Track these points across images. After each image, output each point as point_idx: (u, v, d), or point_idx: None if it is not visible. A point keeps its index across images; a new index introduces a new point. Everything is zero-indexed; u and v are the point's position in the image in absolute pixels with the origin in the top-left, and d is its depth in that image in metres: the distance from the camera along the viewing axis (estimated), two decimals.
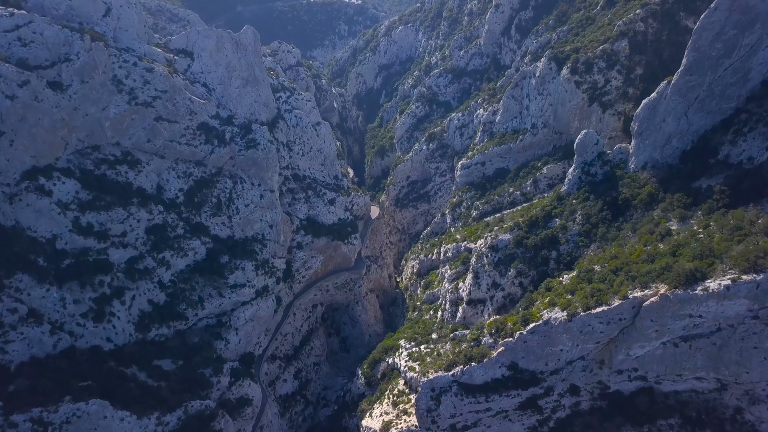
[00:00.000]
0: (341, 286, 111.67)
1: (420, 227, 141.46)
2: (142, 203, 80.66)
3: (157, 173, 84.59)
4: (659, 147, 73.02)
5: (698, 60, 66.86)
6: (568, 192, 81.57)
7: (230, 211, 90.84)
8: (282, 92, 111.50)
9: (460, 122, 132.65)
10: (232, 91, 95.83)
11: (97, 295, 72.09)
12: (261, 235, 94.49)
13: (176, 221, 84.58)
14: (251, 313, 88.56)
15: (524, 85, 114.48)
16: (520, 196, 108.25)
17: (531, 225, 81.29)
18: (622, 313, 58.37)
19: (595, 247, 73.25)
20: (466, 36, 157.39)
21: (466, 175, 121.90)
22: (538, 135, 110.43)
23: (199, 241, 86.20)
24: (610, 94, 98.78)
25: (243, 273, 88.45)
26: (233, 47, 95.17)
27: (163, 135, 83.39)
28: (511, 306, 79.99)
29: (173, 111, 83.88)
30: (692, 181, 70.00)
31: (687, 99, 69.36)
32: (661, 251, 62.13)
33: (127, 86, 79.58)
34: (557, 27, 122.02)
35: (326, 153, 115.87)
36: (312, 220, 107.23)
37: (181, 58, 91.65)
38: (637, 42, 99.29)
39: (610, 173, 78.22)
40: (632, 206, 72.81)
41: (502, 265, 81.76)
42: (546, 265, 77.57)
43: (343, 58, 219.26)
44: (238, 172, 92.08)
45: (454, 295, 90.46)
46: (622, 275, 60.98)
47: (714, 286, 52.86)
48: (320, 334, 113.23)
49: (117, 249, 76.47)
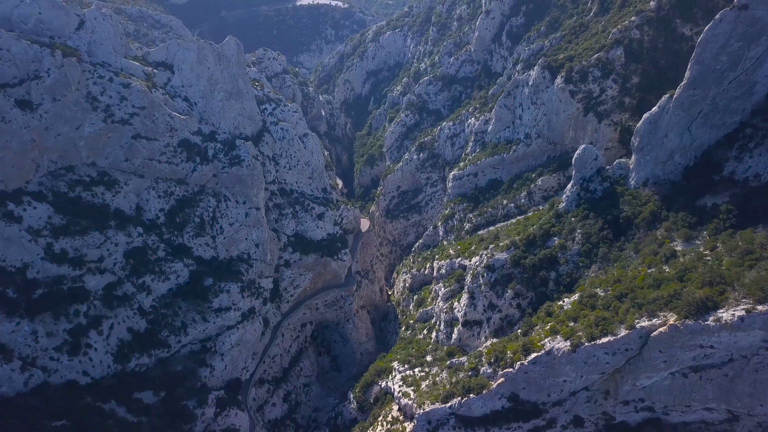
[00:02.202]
0: (331, 303, 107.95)
1: (411, 239, 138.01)
2: (120, 226, 76.67)
3: (136, 193, 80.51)
4: (661, 163, 70.13)
5: (702, 73, 64.01)
6: (567, 209, 78.36)
7: (214, 230, 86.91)
8: (267, 104, 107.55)
9: (451, 131, 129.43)
10: (214, 104, 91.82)
11: (73, 326, 68.07)
12: (247, 254, 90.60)
13: (157, 243, 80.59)
14: (237, 337, 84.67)
15: (517, 94, 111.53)
16: (515, 208, 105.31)
17: (528, 244, 77.98)
18: (629, 344, 55.29)
19: (596, 268, 70.17)
20: (455, 42, 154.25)
21: (458, 187, 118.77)
22: (532, 145, 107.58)
23: (182, 264, 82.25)
24: (606, 104, 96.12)
25: (228, 296, 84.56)
26: (215, 59, 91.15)
27: (142, 153, 79.30)
28: (509, 328, 76.78)
29: (152, 128, 79.79)
30: (696, 199, 67.20)
31: (690, 113, 66.51)
32: (668, 275, 59.17)
33: (103, 103, 75.39)
34: (549, 34, 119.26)
35: (314, 165, 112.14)
36: (300, 237, 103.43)
37: (161, 71, 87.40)
38: (632, 50, 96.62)
39: (610, 190, 75.18)
40: (634, 225, 69.79)
41: (499, 286, 78.41)
42: (545, 286, 74.36)
43: (330, 64, 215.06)
44: (222, 190, 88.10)
45: (448, 316, 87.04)
46: (627, 302, 57.90)
47: (727, 317, 49.90)
48: (310, 353, 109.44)
49: (94, 275, 72.43)
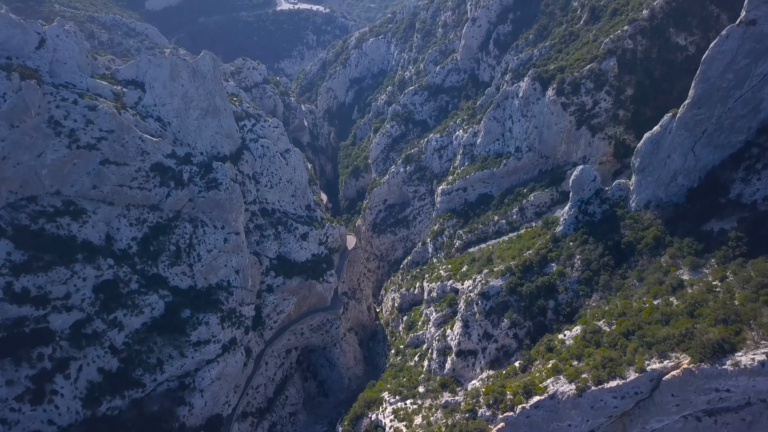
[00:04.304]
0: (317, 328, 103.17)
1: (399, 254, 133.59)
2: (88, 258, 71.40)
3: (106, 222, 75.18)
4: (663, 185, 66.41)
5: (707, 92, 60.35)
6: (564, 233, 74.36)
7: (191, 258, 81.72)
8: (246, 120, 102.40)
9: (438, 144, 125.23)
10: (190, 123, 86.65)
11: (36, 372, 63.07)
12: (226, 282, 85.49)
13: (129, 275, 75.35)
14: (218, 371, 79.61)
15: (506, 106, 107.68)
16: (506, 225, 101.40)
17: (525, 270, 73.89)
18: (639, 387, 51.30)
19: (598, 297, 66.27)
20: (441, 49, 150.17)
21: (447, 202, 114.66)
22: (523, 159, 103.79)
23: (157, 295, 77.09)
24: (600, 117, 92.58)
25: (207, 328, 79.48)
26: (190, 75, 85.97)
27: (111, 180, 74.03)
28: (506, 359, 72.68)
29: (122, 152, 74.52)
30: (701, 223, 63.53)
31: (694, 133, 62.87)
32: (676, 309, 55.36)
33: (67, 128, 70.07)
34: (538, 42, 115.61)
35: (297, 183, 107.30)
36: (283, 259, 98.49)
37: (131, 90, 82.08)
38: (626, 61, 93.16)
39: (610, 213, 71.33)
40: (636, 251, 65.95)
41: (495, 314, 74.25)
42: (543, 316, 70.30)
43: (312, 71, 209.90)
44: (199, 215, 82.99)
45: (441, 344, 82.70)
46: (635, 340, 53.92)
47: (746, 361, 46.07)
48: (295, 379, 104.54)
49: (59, 314, 67.33)
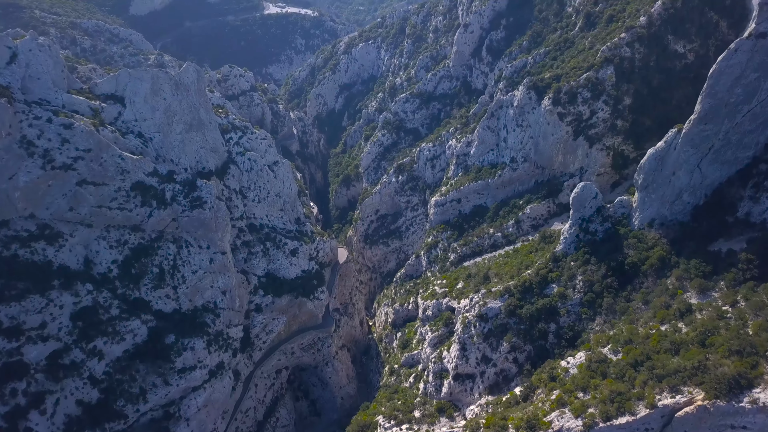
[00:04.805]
0: (308, 347, 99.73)
1: (392, 266, 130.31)
2: (65, 285, 67.65)
3: (84, 245, 71.42)
4: (668, 202, 63.70)
5: (715, 107, 57.68)
6: (565, 252, 71.46)
7: (175, 280, 78.11)
8: (233, 132, 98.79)
9: (431, 153, 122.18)
10: (173, 138, 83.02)
11: (9, 409, 59.26)
12: (213, 303, 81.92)
13: (110, 300, 71.59)
14: (204, 398, 76.09)
15: (501, 115, 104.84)
16: (502, 238, 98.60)
17: (524, 291, 70.95)
18: (650, 423, 48.43)
19: (602, 321, 63.41)
20: (432, 55, 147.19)
21: (441, 213, 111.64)
22: (519, 170, 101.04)
23: (139, 321, 73.40)
24: (597, 127, 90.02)
25: (193, 353, 75.90)
26: (172, 89, 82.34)
27: (89, 201, 70.30)
28: (505, 384, 69.66)
29: (100, 172, 70.79)
30: (709, 243, 60.93)
31: (700, 150, 60.19)
32: (686, 337, 52.63)
33: (41, 148, 66.29)
34: (532, 49, 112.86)
35: (286, 196, 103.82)
36: (272, 276, 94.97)
37: (110, 105, 78.35)
38: (623, 69, 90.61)
39: (612, 231, 68.53)
40: (641, 272, 63.21)
41: (493, 337, 71.22)
42: (544, 339, 67.36)
43: (301, 77, 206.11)
44: (183, 235, 79.39)
45: (437, 366, 79.59)
46: (644, 372, 51.08)
47: (764, 398, 43.36)
48: (286, 400, 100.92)
49: (34, 345, 63.53)
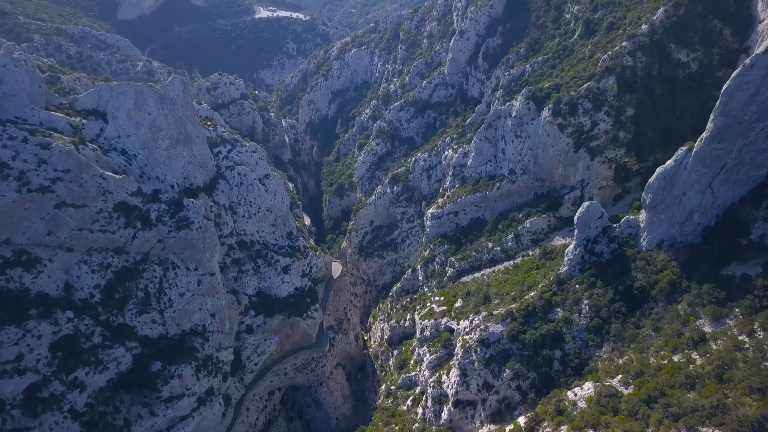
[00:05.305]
0: (302, 367, 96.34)
1: (388, 278, 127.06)
2: (43, 313, 63.94)
3: (65, 270, 67.73)
4: (678, 223, 60.72)
5: (728, 125, 54.74)
6: (570, 274, 68.38)
7: (161, 304, 74.47)
8: (222, 146, 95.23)
9: (426, 164, 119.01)
10: (158, 155, 79.49)
11: None
12: (201, 326, 78.36)
13: (92, 327, 67.94)
14: (193, 427, 72.73)
15: (499, 126, 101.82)
16: (501, 252, 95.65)
17: (527, 315, 67.84)
18: None
19: (609, 349, 60.39)
20: (426, 62, 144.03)
21: (438, 226, 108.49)
22: (517, 182, 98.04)
23: (123, 348, 69.83)
24: (599, 139, 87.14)
25: (180, 380, 72.44)
26: (157, 103, 78.82)
27: (69, 224, 66.63)
28: (508, 413, 66.55)
29: (80, 193, 67.15)
30: (721, 266, 57.97)
31: (712, 169, 57.26)
32: (701, 370, 49.63)
33: (16, 170, 62.56)
34: (530, 57, 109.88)
35: (277, 210, 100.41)
36: (263, 295, 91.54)
37: (91, 121, 74.73)
38: (625, 79, 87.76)
39: (619, 252, 65.51)
40: (651, 297, 60.23)
41: (495, 363, 68.08)
42: (549, 367, 64.30)
43: (292, 83, 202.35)
44: (170, 257, 75.85)
45: (436, 391, 76.41)
46: (659, 410, 48.02)
47: None
48: (280, 422, 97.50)
49: (10, 378, 59.98)
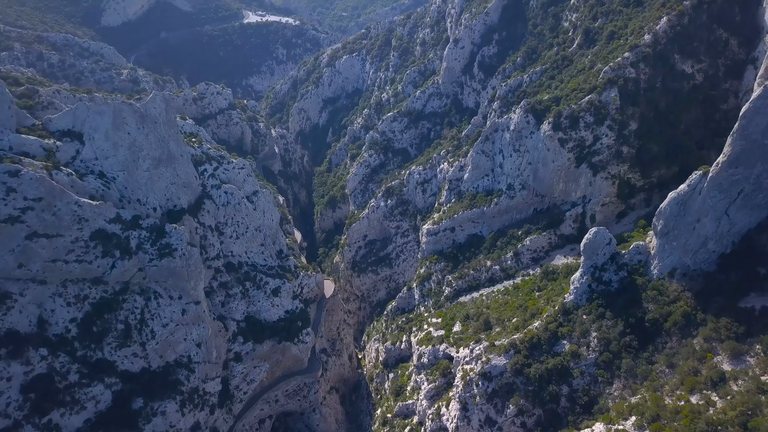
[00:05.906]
0: (293, 393, 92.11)
1: (382, 295, 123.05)
2: (14, 353, 59.76)
3: (37, 304, 63.31)
4: (692, 251, 57.07)
5: (747, 150, 51.17)
6: (576, 304, 64.58)
7: (143, 336, 70.14)
8: (207, 163, 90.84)
9: (421, 177, 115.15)
10: (139, 176, 75.07)
11: None
12: (186, 357, 74.09)
13: (67, 365, 63.70)
14: None
15: (496, 139, 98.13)
16: (500, 271, 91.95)
17: (532, 347, 63.97)
18: None
19: (621, 386, 56.67)
20: (420, 69, 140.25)
21: (434, 243, 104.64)
22: (516, 198, 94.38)
23: (102, 385, 65.59)
24: (601, 154, 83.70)
25: (164, 418, 68.34)
26: (137, 122, 74.41)
27: (41, 255, 62.19)
28: None
29: (53, 222, 62.69)
30: (739, 297, 54.38)
31: (729, 195, 53.70)
32: (723, 416, 46.01)
33: None
34: (527, 66, 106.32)
35: (267, 228, 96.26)
36: (252, 320, 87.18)
37: (66, 142, 70.33)
38: (628, 91, 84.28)
39: (628, 281, 61.80)
40: (664, 330, 56.57)
41: (498, 398, 64.22)
42: (556, 403, 60.49)
43: (282, 90, 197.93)
44: (152, 285, 71.45)
45: (435, 424, 72.53)
46: None
47: None
48: None
49: None
